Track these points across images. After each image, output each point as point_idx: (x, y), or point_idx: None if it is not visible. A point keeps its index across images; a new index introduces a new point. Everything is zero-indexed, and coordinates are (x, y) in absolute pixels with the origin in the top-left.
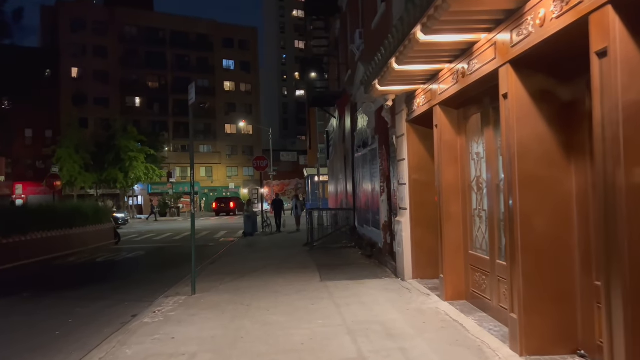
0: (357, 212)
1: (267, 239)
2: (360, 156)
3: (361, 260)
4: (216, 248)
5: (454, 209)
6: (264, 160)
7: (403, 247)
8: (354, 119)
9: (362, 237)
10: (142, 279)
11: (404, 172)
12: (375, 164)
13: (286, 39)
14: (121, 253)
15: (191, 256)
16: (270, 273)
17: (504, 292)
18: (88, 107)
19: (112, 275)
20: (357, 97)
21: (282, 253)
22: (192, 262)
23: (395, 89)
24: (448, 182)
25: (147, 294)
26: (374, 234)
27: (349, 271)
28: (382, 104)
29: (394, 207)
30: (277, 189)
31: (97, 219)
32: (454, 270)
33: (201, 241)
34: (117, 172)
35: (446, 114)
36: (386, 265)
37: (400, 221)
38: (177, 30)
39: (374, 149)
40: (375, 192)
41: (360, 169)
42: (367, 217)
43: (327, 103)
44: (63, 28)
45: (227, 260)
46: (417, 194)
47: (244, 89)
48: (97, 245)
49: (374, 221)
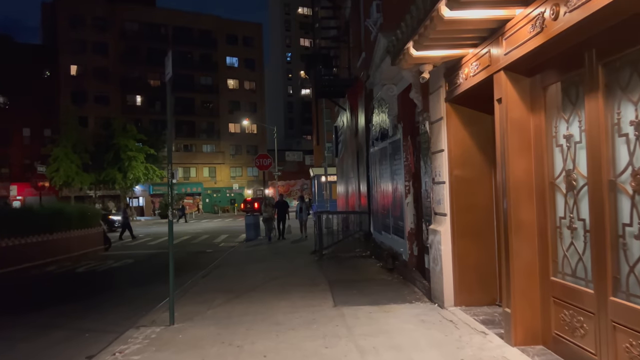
0: (372, 216)
1: (271, 246)
2: (377, 151)
3: (381, 275)
4: (213, 255)
5: (526, 217)
6: (267, 159)
7: (441, 263)
8: (369, 109)
9: (380, 246)
10: (119, 296)
11: (441, 167)
12: (397, 159)
13: (291, 37)
14: (107, 261)
15: (185, 265)
16: (271, 292)
17: (626, 347)
18: (88, 106)
19: (87, 290)
20: (376, 79)
21: (287, 264)
22: (170, 284)
23: (436, 55)
24: (517, 178)
25: (118, 319)
26: (395, 243)
27: (368, 291)
28: (406, 85)
29: (425, 212)
30: (282, 190)
31: (83, 223)
32: (526, 302)
33: (198, 246)
34: (116, 172)
35: (514, 83)
36: (414, 283)
37: (436, 230)
38: (179, 26)
39: (395, 140)
40: (397, 193)
41: (376, 165)
42: (386, 223)
43: (336, 94)
44: (62, 24)
45: (224, 272)
46: (461, 195)
47: (248, 87)
48: (84, 252)
49: (395, 228)
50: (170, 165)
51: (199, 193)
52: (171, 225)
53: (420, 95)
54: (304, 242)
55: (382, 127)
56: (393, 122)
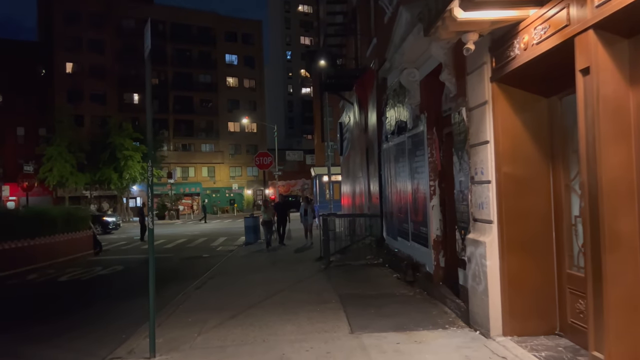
0: (386, 220)
1: (271, 253)
2: (392, 147)
3: (400, 289)
4: (210, 261)
5: (625, 228)
6: (268, 157)
7: (486, 282)
8: (381, 101)
9: (396, 254)
10: (99, 313)
11: (484, 162)
12: (419, 155)
13: (292, 35)
14: (94, 268)
15: (178, 273)
16: (273, 311)
17: None
18: (84, 104)
19: (64, 304)
20: (394, 62)
21: (290, 273)
22: (150, 309)
23: (487, 18)
24: (612, 176)
25: (91, 346)
26: (416, 251)
27: (388, 310)
28: (433, 67)
29: (459, 217)
30: (282, 190)
31: (70, 226)
32: (626, 346)
33: (195, 251)
34: (111, 172)
35: (608, 46)
36: (442, 301)
37: (478, 241)
38: (177, 23)
39: (417, 134)
40: (419, 195)
41: (390, 163)
42: (403, 228)
43: (342, 87)
44: (57, 21)
45: (220, 284)
46: (511, 198)
47: (247, 85)
48: (71, 257)
49: (416, 234)
50: (152, 153)
51: (197, 193)
52: (151, 237)
53: (454, 76)
54: (308, 249)
55: (398, 119)
56: (414, 113)
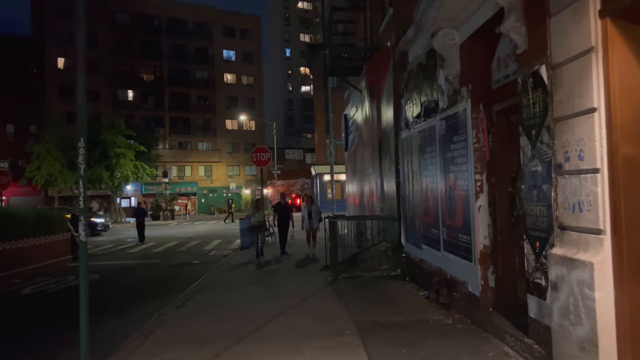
0: (405, 223)
1: (269, 258)
2: (416, 134)
3: (433, 314)
4: (199, 269)
5: None
6: (266, 153)
7: (592, 325)
8: (399, 80)
9: (420, 266)
10: (49, 341)
11: (588, 141)
12: (457, 140)
13: (291, 32)
14: (66, 278)
15: (159, 285)
16: (270, 348)
17: None
18: (76, 101)
19: (14, 326)
20: (425, 22)
21: (292, 287)
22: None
23: None
24: None
25: None
26: (451, 265)
27: (425, 348)
28: (478, 26)
29: (532, 222)
30: (281, 190)
31: (43, 229)
32: None
33: (184, 256)
34: (102, 170)
35: None
36: (498, 335)
37: (578, 261)
38: (173, 17)
39: (455, 114)
40: (456, 192)
41: (411, 155)
42: (431, 234)
43: (349, 71)
44: (48, 14)
45: (205, 302)
46: (637, 195)
47: (246, 82)
48: (44, 264)
49: (451, 243)
50: (82, 142)
51: (194, 193)
52: (84, 255)
53: (524, 24)
54: (312, 258)
55: (425, 100)
56: (450, 88)
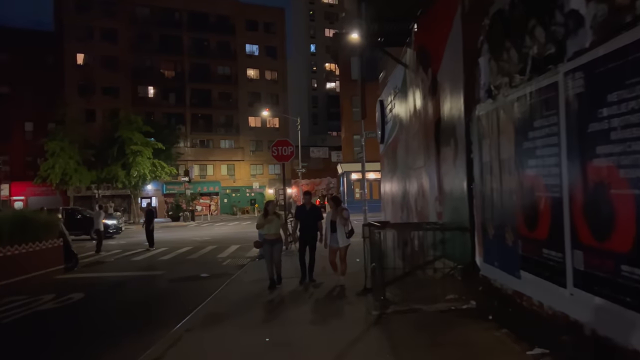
0: (484, 237)
1: (286, 289)
2: (508, 105)
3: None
4: (205, 287)
5: None
6: (289, 146)
7: None
8: (474, 31)
9: (516, 302)
10: None
11: None
12: (613, 102)
13: (316, 27)
14: (42, 298)
15: (153, 309)
16: None
17: None
18: (95, 98)
19: None
20: None
21: (322, 328)
22: None
23: None
24: None
25: None
26: (600, 314)
27: None
28: None
29: None
30: (306, 189)
31: (26, 235)
32: None
33: (194, 266)
34: (118, 168)
35: None
36: None
37: None
38: (195, 11)
39: (611, 54)
40: (613, 192)
41: (502, 136)
42: (543, 259)
43: (389, 40)
44: (67, 9)
45: (206, 342)
46: None
47: (269, 77)
48: (25, 277)
49: (596, 277)
50: None
51: (216, 193)
52: None
53: None
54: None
55: (532, 46)
56: (602, 9)
